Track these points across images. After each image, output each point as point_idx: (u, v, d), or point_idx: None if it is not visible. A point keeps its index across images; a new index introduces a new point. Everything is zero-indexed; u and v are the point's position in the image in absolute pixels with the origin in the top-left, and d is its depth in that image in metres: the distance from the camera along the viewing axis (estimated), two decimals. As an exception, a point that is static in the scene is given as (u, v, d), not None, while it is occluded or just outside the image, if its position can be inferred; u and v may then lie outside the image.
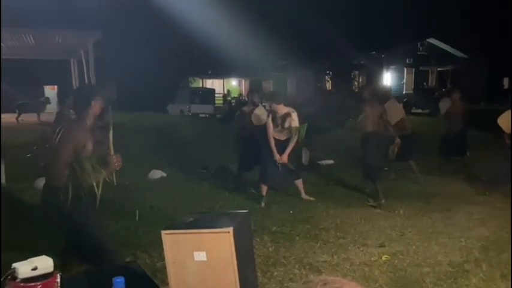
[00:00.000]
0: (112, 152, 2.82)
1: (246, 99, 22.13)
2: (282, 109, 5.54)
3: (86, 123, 2.83)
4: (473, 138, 8.55)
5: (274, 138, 5.55)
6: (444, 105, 7.79)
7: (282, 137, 5.57)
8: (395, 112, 6.88)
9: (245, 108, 6.37)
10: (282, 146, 5.56)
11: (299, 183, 5.89)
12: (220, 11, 19.53)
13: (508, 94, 13.78)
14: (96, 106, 2.87)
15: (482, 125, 9.79)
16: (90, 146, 2.74)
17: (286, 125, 5.50)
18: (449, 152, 7.81)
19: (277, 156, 5.49)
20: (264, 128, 5.66)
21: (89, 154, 2.74)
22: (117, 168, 2.85)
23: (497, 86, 25.75)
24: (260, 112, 6.09)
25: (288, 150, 5.53)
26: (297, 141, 5.61)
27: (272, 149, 5.50)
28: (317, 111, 11.01)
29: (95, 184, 2.73)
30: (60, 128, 2.84)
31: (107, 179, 2.83)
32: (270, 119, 5.52)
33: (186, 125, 14.73)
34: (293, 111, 5.53)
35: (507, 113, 5.89)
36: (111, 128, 2.79)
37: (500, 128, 5.94)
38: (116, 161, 2.79)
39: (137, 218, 4.83)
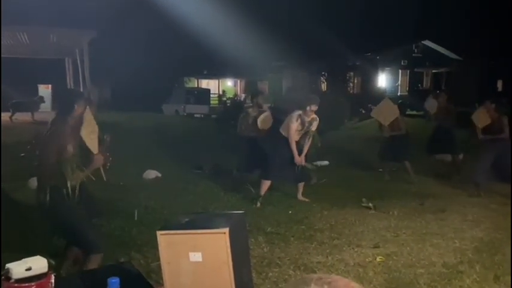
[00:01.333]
0: (95, 151, 2.98)
1: (241, 99, 22.15)
2: (312, 114, 5.70)
3: (68, 126, 2.95)
4: (467, 140, 8.59)
5: None
6: (429, 105, 7.93)
7: (296, 138, 5.74)
8: (389, 112, 6.93)
9: (250, 111, 6.46)
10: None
11: (301, 184, 5.96)
12: (216, 11, 19.50)
13: (502, 96, 13.90)
14: (78, 109, 3.01)
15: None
16: (71, 147, 2.87)
17: (309, 128, 5.73)
18: (435, 150, 7.90)
19: (297, 158, 5.66)
20: (273, 129, 5.94)
21: (71, 155, 2.86)
22: (103, 166, 3.04)
23: (492, 88, 25.91)
24: (267, 117, 6.27)
25: (304, 152, 5.77)
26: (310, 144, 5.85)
27: (293, 151, 5.65)
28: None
29: (78, 185, 2.90)
30: (47, 130, 2.99)
31: (92, 177, 3.04)
32: (297, 123, 5.63)
33: (181, 125, 14.70)
34: (317, 117, 5.76)
35: (480, 109, 6.24)
36: (84, 125, 2.91)
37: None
38: (98, 158, 2.98)
39: (136, 218, 4.81)
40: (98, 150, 3.01)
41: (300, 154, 5.71)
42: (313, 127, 5.75)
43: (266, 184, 5.79)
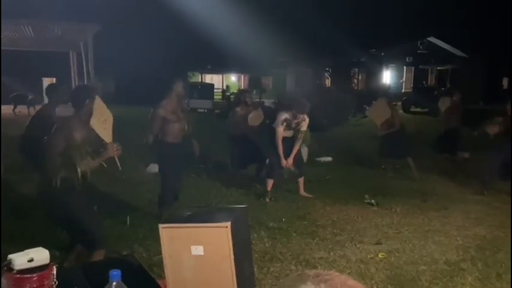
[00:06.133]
0: (109, 140, 2.99)
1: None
2: (299, 118, 5.63)
3: (81, 120, 2.95)
4: (471, 138, 8.55)
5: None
6: (444, 104, 7.82)
7: (289, 134, 5.70)
8: (382, 112, 6.95)
9: (238, 109, 6.49)
10: (287, 141, 5.67)
11: (301, 179, 5.98)
12: (221, 6, 19.46)
13: (507, 94, 13.82)
14: (90, 104, 2.98)
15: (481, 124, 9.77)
16: (79, 137, 2.88)
17: (297, 127, 5.67)
18: (443, 150, 7.84)
19: (283, 161, 5.62)
20: (266, 127, 5.89)
21: (80, 143, 2.87)
22: (115, 155, 3.02)
23: (497, 86, 25.77)
24: (257, 115, 6.28)
25: (293, 154, 5.68)
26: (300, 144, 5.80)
27: (280, 155, 5.60)
28: (316, 108, 11.00)
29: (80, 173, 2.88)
30: (57, 124, 3.00)
31: (104, 164, 3.02)
32: (282, 127, 5.56)
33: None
34: (306, 117, 5.67)
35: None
36: (94, 115, 2.90)
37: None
38: (112, 147, 2.98)
39: (128, 223, 4.59)
40: (111, 139, 3.01)
41: (288, 148, 5.64)
42: (303, 127, 5.69)
43: (270, 182, 5.80)
